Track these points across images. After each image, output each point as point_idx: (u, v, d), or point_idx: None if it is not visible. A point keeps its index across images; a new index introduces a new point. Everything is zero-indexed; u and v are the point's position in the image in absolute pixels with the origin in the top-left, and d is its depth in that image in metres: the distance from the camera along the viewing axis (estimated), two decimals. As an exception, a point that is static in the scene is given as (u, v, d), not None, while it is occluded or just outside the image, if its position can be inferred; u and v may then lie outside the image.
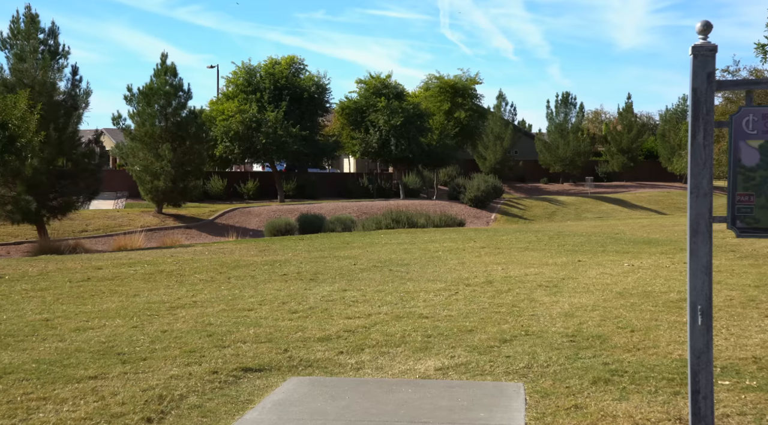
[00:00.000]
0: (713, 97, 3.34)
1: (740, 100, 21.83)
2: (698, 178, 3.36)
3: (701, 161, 3.35)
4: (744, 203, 3.41)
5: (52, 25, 24.36)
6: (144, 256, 14.89)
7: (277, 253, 14.81)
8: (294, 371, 5.39)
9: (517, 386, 4.85)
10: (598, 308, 7.66)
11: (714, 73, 3.33)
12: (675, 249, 14.00)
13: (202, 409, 4.47)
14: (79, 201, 25.24)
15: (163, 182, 31.72)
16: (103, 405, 4.49)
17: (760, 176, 3.38)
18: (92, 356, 5.78)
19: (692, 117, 3.35)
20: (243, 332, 6.66)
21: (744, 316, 7.13)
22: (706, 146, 3.34)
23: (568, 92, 55.55)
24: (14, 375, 5.21)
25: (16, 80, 22.97)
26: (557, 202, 45.63)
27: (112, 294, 9.21)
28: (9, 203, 22.16)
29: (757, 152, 3.38)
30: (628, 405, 4.44)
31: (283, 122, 41.86)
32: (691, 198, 3.36)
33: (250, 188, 43.40)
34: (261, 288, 9.53)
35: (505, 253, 13.89)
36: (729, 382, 4.91)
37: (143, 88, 32.15)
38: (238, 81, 45.59)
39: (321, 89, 46.70)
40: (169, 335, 6.57)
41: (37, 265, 13.20)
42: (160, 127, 31.99)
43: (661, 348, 5.86)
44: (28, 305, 8.39)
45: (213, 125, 40.91)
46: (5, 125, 18.85)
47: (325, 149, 46.56)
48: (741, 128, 3.39)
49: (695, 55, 3.34)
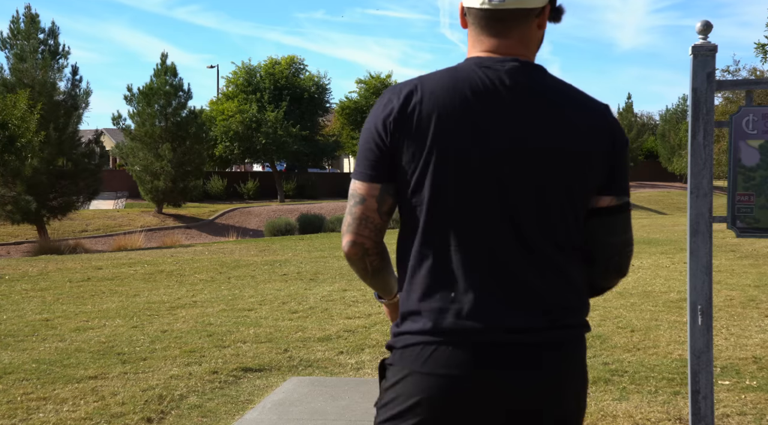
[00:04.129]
0: (713, 97, 3.33)
1: (740, 100, 21.83)
2: (698, 178, 3.36)
3: (701, 161, 3.35)
4: (744, 203, 3.41)
5: (52, 25, 24.38)
6: (144, 256, 14.89)
7: (277, 253, 14.81)
8: (294, 371, 5.39)
9: (517, 386, 4.84)
10: (598, 308, 7.65)
11: (714, 73, 3.33)
12: (675, 249, 14.00)
13: (202, 409, 4.47)
14: (79, 201, 25.23)
15: (163, 182, 31.71)
16: (103, 405, 4.49)
17: (760, 176, 3.38)
18: (92, 356, 5.78)
19: (692, 117, 3.35)
20: (243, 332, 6.66)
21: (744, 316, 7.13)
22: (706, 146, 3.34)
23: (568, 92, 55.53)
24: (14, 375, 5.21)
25: (16, 80, 22.97)
26: (557, 202, 45.56)
27: (112, 294, 9.21)
28: (9, 203, 22.15)
29: (757, 152, 3.38)
30: (628, 405, 4.44)
31: (283, 122, 41.85)
32: (691, 198, 3.36)
33: (250, 188, 43.39)
34: (261, 288, 9.53)
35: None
36: (729, 382, 4.91)
37: (143, 88, 32.14)
38: (238, 81, 45.57)
39: (321, 89, 46.69)
40: (169, 335, 6.57)
41: (37, 265, 13.20)
42: (160, 127, 31.98)
43: (661, 348, 5.86)
44: (28, 305, 8.39)
45: (213, 125, 40.90)
46: (5, 125, 18.85)
47: (325, 149, 46.55)
48: (741, 128, 3.39)
49: (695, 55, 3.33)
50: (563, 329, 1.56)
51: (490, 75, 1.57)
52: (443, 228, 1.55)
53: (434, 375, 1.50)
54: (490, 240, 1.54)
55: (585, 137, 1.58)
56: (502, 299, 1.53)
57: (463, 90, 1.56)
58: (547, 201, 1.56)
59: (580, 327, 1.61)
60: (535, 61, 1.67)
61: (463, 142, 1.53)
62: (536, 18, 1.63)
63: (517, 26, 1.61)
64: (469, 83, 1.56)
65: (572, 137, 1.57)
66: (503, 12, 1.59)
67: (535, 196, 1.55)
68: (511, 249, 1.54)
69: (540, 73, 1.61)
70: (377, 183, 1.59)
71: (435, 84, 1.57)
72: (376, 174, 1.58)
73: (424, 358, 1.52)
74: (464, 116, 1.54)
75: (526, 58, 1.62)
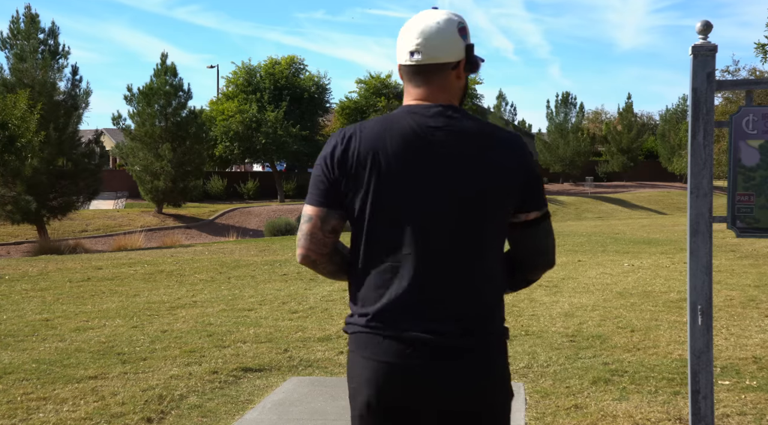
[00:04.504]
0: (713, 97, 3.33)
1: (740, 100, 21.82)
2: (698, 178, 3.36)
3: (701, 161, 3.35)
4: (744, 203, 3.41)
5: (52, 25, 24.38)
6: (144, 256, 14.90)
7: (277, 253, 14.82)
8: (294, 371, 5.39)
9: (517, 386, 4.84)
10: (598, 308, 7.66)
11: (714, 73, 3.33)
12: (675, 249, 14.00)
13: (202, 409, 4.47)
14: (79, 201, 25.23)
15: (163, 182, 31.71)
16: (103, 405, 4.49)
17: (760, 176, 3.38)
18: (92, 356, 5.78)
19: (692, 117, 3.35)
20: (243, 332, 6.66)
21: (744, 316, 7.13)
22: (706, 146, 3.34)
23: (568, 92, 55.52)
24: (14, 375, 5.21)
25: (16, 80, 22.98)
26: (557, 202, 45.64)
27: (112, 294, 9.21)
28: (9, 203, 22.15)
29: (757, 152, 3.38)
30: (628, 405, 4.44)
31: (283, 122, 41.85)
32: (691, 198, 3.36)
33: (250, 188, 43.39)
34: (261, 288, 9.54)
35: (505, 253, 13.89)
36: (729, 382, 4.91)
37: (143, 88, 32.14)
38: (238, 81, 45.57)
39: (321, 89, 46.70)
40: (169, 335, 6.57)
41: (37, 265, 13.20)
42: (160, 127, 31.98)
43: (661, 348, 5.86)
44: (28, 305, 8.39)
45: (213, 125, 40.90)
46: (5, 125, 18.85)
47: (325, 149, 46.52)
48: (741, 128, 3.39)
49: (695, 55, 3.33)
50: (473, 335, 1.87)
51: (417, 120, 1.91)
52: (378, 244, 1.90)
53: (372, 360, 1.87)
54: (415, 256, 1.87)
55: (501, 174, 1.90)
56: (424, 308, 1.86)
57: (395, 134, 1.89)
58: (467, 225, 1.88)
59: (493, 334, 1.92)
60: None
61: (394, 178, 1.87)
62: (453, 70, 1.95)
63: (436, 77, 1.95)
64: (400, 128, 1.90)
65: (489, 176, 1.89)
66: (421, 67, 1.94)
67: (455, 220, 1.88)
68: (431, 263, 1.87)
69: (460, 115, 1.92)
70: (323, 207, 1.93)
71: (371, 129, 1.92)
72: (323, 200, 1.92)
73: (365, 344, 1.89)
74: (395, 156, 1.87)
75: (449, 103, 1.94)
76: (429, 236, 1.87)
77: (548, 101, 67.72)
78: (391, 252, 1.89)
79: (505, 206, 1.92)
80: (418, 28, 1.94)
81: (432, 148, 1.88)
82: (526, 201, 1.95)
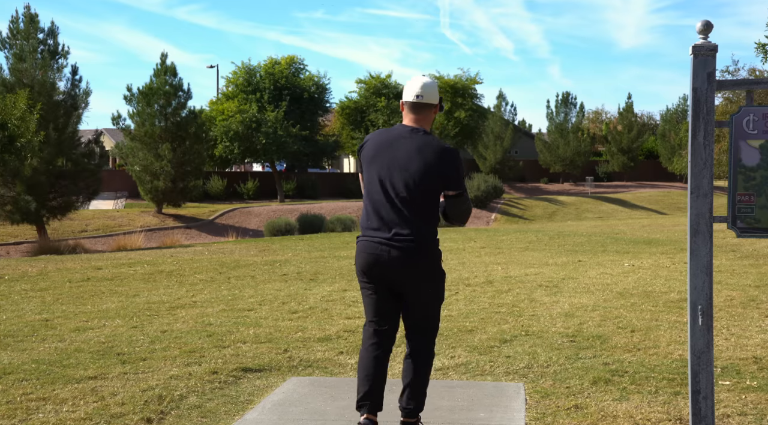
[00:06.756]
0: (713, 97, 3.33)
1: (740, 100, 21.82)
2: (698, 178, 3.35)
3: (701, 160, 3.34)
4: (744, 203, 3.40)
5: (51, 25, 24.40)
6: (144, 256, 14.89)
7: (277, 253, 14.82)
8: (294, 371, 5.38)
9: (518, 386, 4.84)
10: (599, 308, 7.65)
11: (714, 73, 3.33)
12: (675, 249, 14.00)
13: (202, 409, 4.47)
14: (79, 201, 25.25)
15: (163, 182, 31.73)
16: (102, 406, 4.49)
17: (760, 176, 3.38)
18: (92, 356, 5.77)
19: (692, 117, 3.35)
20: (243, 332, 6.66)
21: (744, 316, 7.13)
22: (706, 146, 3.33)
23: (568, 92, 55.53)
24: (14, 375, 5.21)
25: (16, 80, 22.99)
26: (557, 202, 45.66)
27: (112, 294, 9.21)
28: (9, 203, 22.17)
29: (758, 152, 3.38)
30: (629, 405, 4.44)
31: (283, 122, 41.86)
32: (691, 198, 3.35)
33: (250, 188, 43.41)
34: (261, 288, 9.53)
35: (505, 253, 13.90)
36: (729, 382, 4.91)
37: (143, 88, 32.17)
38: (238, 81, 45.59)
39: (321, 89, 46.71)
40: (169, 335, 6.57)
41: (36, 265, 13.20)
42: (160, 127, 32.00)
43: (662, 348, 5.86)
44: (27, 306, 8.39)
45: (213, 125, 40.91)
46: (5, 125, 18.83)
47: (325, 149, 46.57)
48: (741, 128, 3.39)
49: (695, 55, 3.33)
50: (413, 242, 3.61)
51: (404, 132, 3.74)
52: (371, 198, 3.72)
53: (364, 253, 3.70)
54: (387, 206, 3.65)
55: (434, 166, 3.64)
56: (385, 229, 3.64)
57: (389, 138, 3.75)
58: (413, 191, 3.63)
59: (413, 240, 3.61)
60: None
61: (383, 161, 3.70)
62: (433, 108, 3.79)
63: (424, 112, 3.77)
64: (394, 135, 3.75)
65: (428, 166, 3.64)
66: (420, 104, 3.75)
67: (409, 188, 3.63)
68: (393, 210, 3.64)
69: (426, 135, 3.72)
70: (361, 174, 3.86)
71: (377, 135, 3.81)
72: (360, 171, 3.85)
73: (363, 245, 3.71)
74: (386, 149, 3.71)
75: (423, 127, 3.75)
76: (394, 194, 3.63)
77: (548, 101, 67.85)
78: (376, 201, 3.68)
79: (434, 182, 3.65)
80: (420, 82, 3.74)
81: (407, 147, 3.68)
82: (447, 184, 3.70)
